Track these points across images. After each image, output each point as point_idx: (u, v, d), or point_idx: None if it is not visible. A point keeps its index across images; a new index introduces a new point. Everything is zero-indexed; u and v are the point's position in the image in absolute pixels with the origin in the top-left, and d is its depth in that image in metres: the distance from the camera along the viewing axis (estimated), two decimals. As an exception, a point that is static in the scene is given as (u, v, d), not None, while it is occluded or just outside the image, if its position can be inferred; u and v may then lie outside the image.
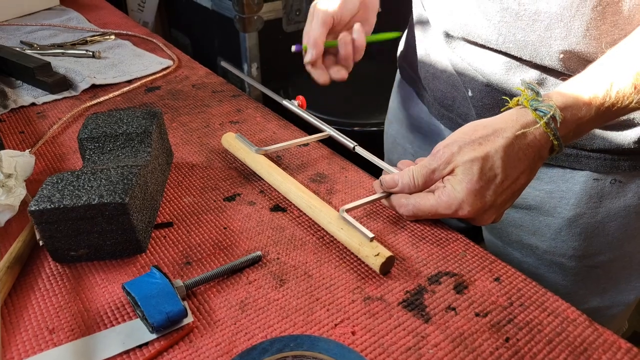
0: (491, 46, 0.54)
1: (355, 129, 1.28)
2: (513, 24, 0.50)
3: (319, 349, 0.33)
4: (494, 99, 0.57)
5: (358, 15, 0.63)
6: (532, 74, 0.53)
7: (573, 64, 0.50)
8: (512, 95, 0.54)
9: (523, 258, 0.63)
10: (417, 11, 0.68)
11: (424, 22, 0.65)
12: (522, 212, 0.61)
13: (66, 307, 0.39)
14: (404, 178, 0.46)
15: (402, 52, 0.76)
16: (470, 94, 0.58)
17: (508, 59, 0.54)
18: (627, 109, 0.43)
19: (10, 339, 0.37)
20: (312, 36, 0.59)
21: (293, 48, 0.62)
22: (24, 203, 0.48)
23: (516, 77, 0.54)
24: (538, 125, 0.43)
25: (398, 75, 0.78)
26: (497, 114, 0.46)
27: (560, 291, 0.61)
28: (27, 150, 0.53)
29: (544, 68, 0.52)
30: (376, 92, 1.40)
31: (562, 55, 0.49)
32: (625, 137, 0.53)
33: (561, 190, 0.57)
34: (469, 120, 0.51)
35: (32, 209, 0.40)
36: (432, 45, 0.63)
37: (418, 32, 0.67)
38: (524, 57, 0.52)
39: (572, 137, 0.45)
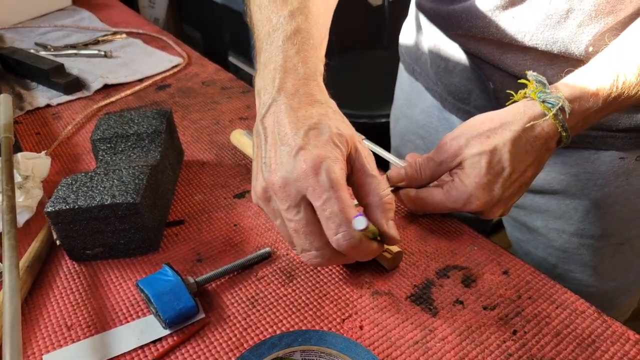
0: (515, 44, 0.52)
1: (363, 121, 1.27)
2: (542, 22, 0.49)
3: (326, 343, 0.34)
4: (519, 87, 0.55)
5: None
6: (560, 66, 0.51)
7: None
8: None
9: (549, 243, 0.62)
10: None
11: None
12: (548, 197, 0.60)
13: (83, 305, 0.40)
14: (410, 171, 0.46)
15: (404, 47, 0.72)
16: (492, 86, 0.57)
17: (533, 54, 0.52)
18: (632, 99, 0.43)
19: (31, 335, 0.38)
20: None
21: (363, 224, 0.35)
22: (41, 204, 0.50)
23: (541, 69, 0.52)
24: (547, 117, 0.42)
25: (402, 71, 0.76)
26: None
27: (587, 272, 0.61)
28: (43, 152, 0.55)
29: (572, 60, 0.50)
30: (384, 83, 1.39)
31: (591, 49, 0.48)
32: None
33: (587, 172, 0.56)
34: None
35: (49, 210, 0.41)
36: (442, 40, 0.61)
37: (425, 26, 0.65)
38: (552, 52, 0.50)
39: (579, 129, 0.45)
